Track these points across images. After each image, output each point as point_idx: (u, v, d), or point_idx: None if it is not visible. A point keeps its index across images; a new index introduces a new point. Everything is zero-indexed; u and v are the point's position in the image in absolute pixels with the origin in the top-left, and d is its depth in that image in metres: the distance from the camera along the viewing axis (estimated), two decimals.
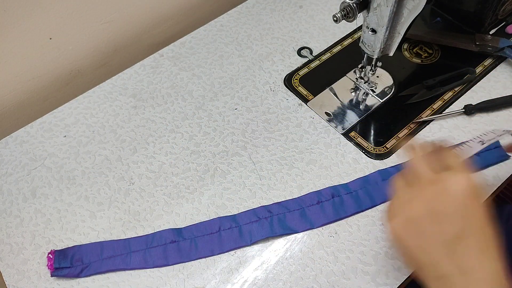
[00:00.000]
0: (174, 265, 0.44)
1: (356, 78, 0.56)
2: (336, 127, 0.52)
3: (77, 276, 0.43)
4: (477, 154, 0.41)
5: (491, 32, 0.58)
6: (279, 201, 0.47)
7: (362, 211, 0.45)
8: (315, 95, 0.55)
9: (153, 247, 0.44)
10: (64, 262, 0.43)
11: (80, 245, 0.45)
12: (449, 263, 0.30)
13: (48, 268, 0.43)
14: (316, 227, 0.45)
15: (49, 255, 0.44)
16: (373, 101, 0.54)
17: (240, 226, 0.45)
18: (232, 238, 0.44)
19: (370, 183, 0.47)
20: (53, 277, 0.43)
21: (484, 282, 0.29)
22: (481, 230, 0.30)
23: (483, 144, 0.41)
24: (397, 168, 0.48)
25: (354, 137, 0.51)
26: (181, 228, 0.45)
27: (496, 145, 0.47)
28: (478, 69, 0.55)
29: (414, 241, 0.31)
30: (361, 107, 0.54)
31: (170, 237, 0.45)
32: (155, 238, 0.45)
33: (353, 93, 0.55)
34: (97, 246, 0.44)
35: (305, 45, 0.61)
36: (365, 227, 0.44)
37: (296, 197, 0.47)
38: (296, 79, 0.57)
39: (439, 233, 0.30)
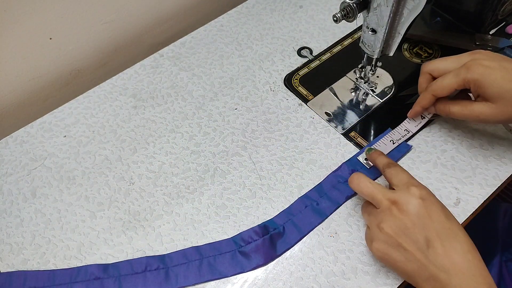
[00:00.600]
0: None
1: (356, 78, 0.56)
2: (336, 127, 0.52)
3: None
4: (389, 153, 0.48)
5: (491, 32, 0.58)
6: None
7: (291, 246, 0.44)
8: (315, 95, 0.55)
9: (77, 282, 0.42)
10: None
11: (5, 272, 0.43)
12: (429, 264, 0.35)
13: None
14: (247, 271, 0.42)
15: None
16: (373, 101, 0.54)
17: (167, 268, 0.43)
18: (157, 280, 0.42)
19: (294, 214, 0.46)
20: None
21: (465, 275, 0.34)
22: (443, 230, 0.36)
23: (393, 143, 0.49)
24: (317, 189, 0.47)
25: (354, 137, 0.51)
26: (108, 264, 0.43)
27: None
28: None
29: (396, 256, 0.37)
30: (361, 107, 0.54)
31: (95, 273, 0.43)
32: (80, 273, 0.43)
33: (353, 93, 0.55)
34: (21, 275, 0.43)
35: (305, 45, 0.61)
36: (365, 227, 0.44)
37: (228, 237, 0.45)
38: (296, 79, 0.57)
39: (412, 243, 0.36)
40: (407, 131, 0.50)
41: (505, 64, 0.40)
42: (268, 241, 0.44)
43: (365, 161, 0.48)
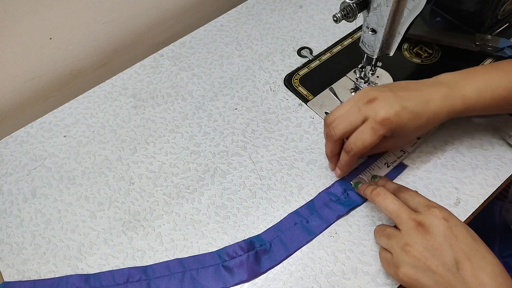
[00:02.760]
0: None
1: (356, 78, 0.56)
2: None
3: None
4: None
5: (494, 33, 0.58)
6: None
7: (277, 264, 0.43)
8: (315, 95, 0.55)
9: None
10: None
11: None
12: (460, 286, 0.34)
13: None
14: (229, 287, 0.42)
15: None
16: None
17: (149, 280, 0.42)
18: None
19: (282, 230, 0.45)
20: (55, 274, 0.43)
21: None
22: (471, 251, 0.35)
23: (388, 166, 0.48)
24: (308, 206, 0.46)
25: None
26: (90, 274, 0.43)
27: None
28: None
29: (426, 280, 0.36)
30: None
31: (76, 284, 0.42)
32: (61, 283, 0.42)
33: (353, 93, 0.55)
34: (5, 285, 0.42)
35: (305, 45, 0.61)
36: (365, 227, 0.44)
37: (213, 251, 0.44)
38: (296, 79, 0.57)
39: (441, 265, 0.35)
40: (403, 151, 0.48)
41: (399, 93, 0.42)
42: (253, 257, 0.43)
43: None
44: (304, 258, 0.43)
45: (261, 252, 0.43)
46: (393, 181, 0.46)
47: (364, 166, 0.48)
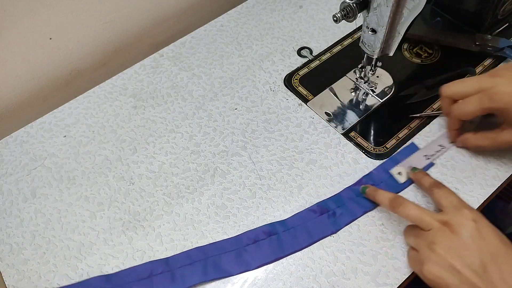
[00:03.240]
0: None
1: (356, 78, 0.56)
2: (336, 127, 0.52)
3: None
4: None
5: (494, 33, 0.58)
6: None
7: (301, 249, 0.43)
8: (315, 95, 0.55)
9: None
10: None
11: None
12: (485, 286, 0.34)
13: None
14: (252, 269, 0.42)
15: None
16: (373, 101, 0.54)
17: (172, 270, 0.42)
18: (164, 283, 0.42)
19: (308, 218, 0.45)
20: (54, 278, 0.43)
21: None
22: (499, 254, 0.35)
23: (428, 158, 0.48)
24: (335, 198, 0.46)
25: (354, 137, 0.51)
26: (111, 274, 0.43)
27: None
28: (478, 69, 0.55)
29: (450, 280, 0.35)
30: (361, 107, 0.54)
31: (100, 285, 0.42)
32: (82, 286, 0.42)
33: (353, 93, 0.55)
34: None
35: (305, 45, 0.61)
36: (365, 227, 0.44)
37: (233, 236, 0.45)
38: (296, 79, 0.57)
39: (466, 266, 0.35)
40: (441, 146, 0.49)
41: None
42: (276, 241, 0.44)
43: (398, 175, 0.47)
44: (304, 258, 0.43)
45: (284, 236, 0.44)
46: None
47: (399, 158, 0.48)
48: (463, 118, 0.44)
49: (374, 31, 0.45)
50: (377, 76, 0.56)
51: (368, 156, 0.50)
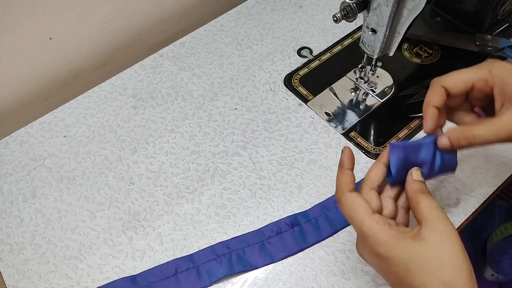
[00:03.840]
0: None
1: (356, 78, 0.56)
2: (336, 127, 0.52)
3: None
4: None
5: (494, 33, 0.58)
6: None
7: (323, 239, 0.44)
8: (315, 95, 0.55)
9: None
10: None
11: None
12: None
13: None
14: (277, 261, 0.43)
15: None
16: (373, 101, 0.54)
17: (197, 266, 0.43)
18: (190, 280, 0.42)
19: (329, 208, 0.45)
20: (54, 278, 0.43)
21: None
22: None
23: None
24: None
25: (354, 137, 0.51)
26: (136, 275, 0.43)
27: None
28: None
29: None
30: (361, 107, 0.54)
31: (125, 287, 0.42)
32: None
33: (353, 93, 0.55)
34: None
35: (305, 45, 0.61)
36: None
37: (256, 229, 0.45)
38: (296, 79, 0.57)
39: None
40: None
41: None
42: (298, 232, 0.44)
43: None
44: (304, 258, 0.43)
45: (307, 227, 0.44)
46: None
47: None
48: (450, 86, 0.34)
49: (374, 31, 0.45)
50: (377, 76, 0.56)
51: (368, 156, 0.50)
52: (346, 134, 0.52)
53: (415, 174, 0.35)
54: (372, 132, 0.52)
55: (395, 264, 0.30)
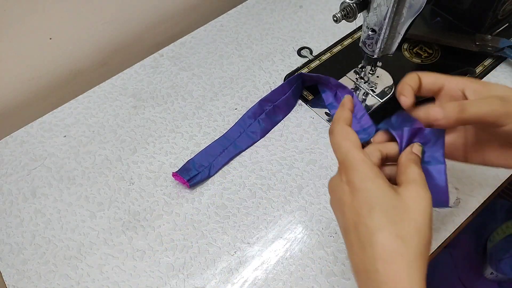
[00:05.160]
0: (174, 265, 0.44)
1: (356, 78, 0.55)
2: None
3: (208, 176, 0.49)
4: None
5: (494, 33, 0.58)
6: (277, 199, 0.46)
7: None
8: (315, 95, 0.55)
9: (220, 155, 0.50)
10: (191, 172, 0.48)
11: (192, 157, 0.50)
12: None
13: (183, 184, 0.48)
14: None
15: (174, 176, 0.48)
16: (373, 101, 0.54)
17: (233, 142, 0.51)
18: (232, 152, 0.51)
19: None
20: (54, 278, 0.43)
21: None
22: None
23: None
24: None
25: None
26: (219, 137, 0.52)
27: None
28: (478, 69, 0.55)
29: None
30: None
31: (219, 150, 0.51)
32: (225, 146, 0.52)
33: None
34: (206, 150, 0.50)
35: (305, 45, 0.61)
36: None
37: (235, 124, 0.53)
38: None
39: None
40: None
41: None
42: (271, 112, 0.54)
43: None
44: (304, 258, 0.43)
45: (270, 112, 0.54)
46: None
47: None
48: (424, 79, 0.35)
49: (374, 31, 0.45)
50: (377, 76, 0.56)
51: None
52: None
53: (415, 147, 0.35)
54: None
55: (362, 198, 0.30)
